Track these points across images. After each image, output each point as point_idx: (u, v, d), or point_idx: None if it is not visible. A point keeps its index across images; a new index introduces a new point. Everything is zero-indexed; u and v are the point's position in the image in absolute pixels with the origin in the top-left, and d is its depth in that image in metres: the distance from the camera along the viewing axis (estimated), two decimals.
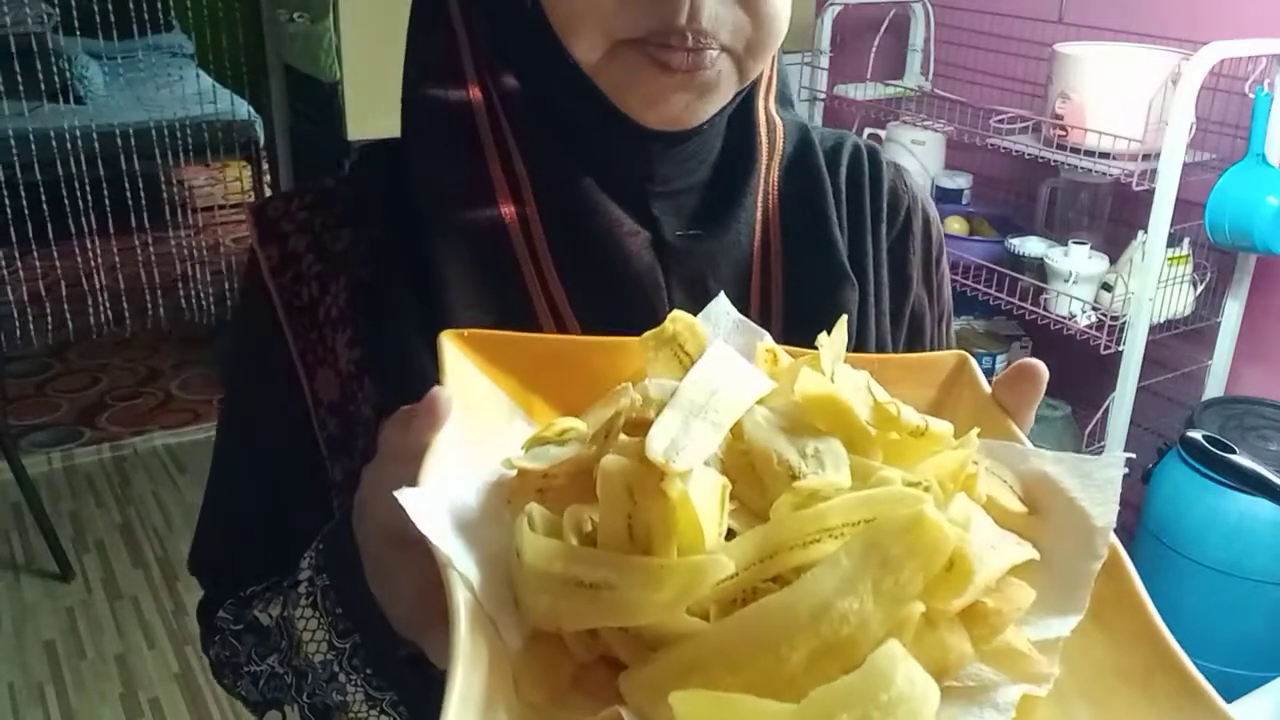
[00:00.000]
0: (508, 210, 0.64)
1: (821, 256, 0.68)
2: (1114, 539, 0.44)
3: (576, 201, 0.64)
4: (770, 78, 0.69)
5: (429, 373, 0.61)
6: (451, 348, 0.52)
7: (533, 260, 0.64)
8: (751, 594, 0.41)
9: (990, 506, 0.46)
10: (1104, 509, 0.45)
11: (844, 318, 0.53)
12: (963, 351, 0.56)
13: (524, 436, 0.49)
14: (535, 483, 0.45)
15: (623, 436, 0.44)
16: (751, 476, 0.45)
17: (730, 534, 0.43)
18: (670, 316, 0.52)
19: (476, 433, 0.49)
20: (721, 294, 0.56)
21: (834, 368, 0.49)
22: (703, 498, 0.41)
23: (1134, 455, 0.46)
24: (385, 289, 0.65)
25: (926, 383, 0.56)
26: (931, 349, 0.76)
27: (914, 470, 0.44)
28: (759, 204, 0.68)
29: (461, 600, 0.40)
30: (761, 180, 0.68)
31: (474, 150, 0.65)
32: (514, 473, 0.46)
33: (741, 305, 0.67)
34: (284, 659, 0.63)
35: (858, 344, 0.67)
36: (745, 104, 0.67)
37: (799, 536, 0.41)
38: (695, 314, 0.67)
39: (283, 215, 0.69)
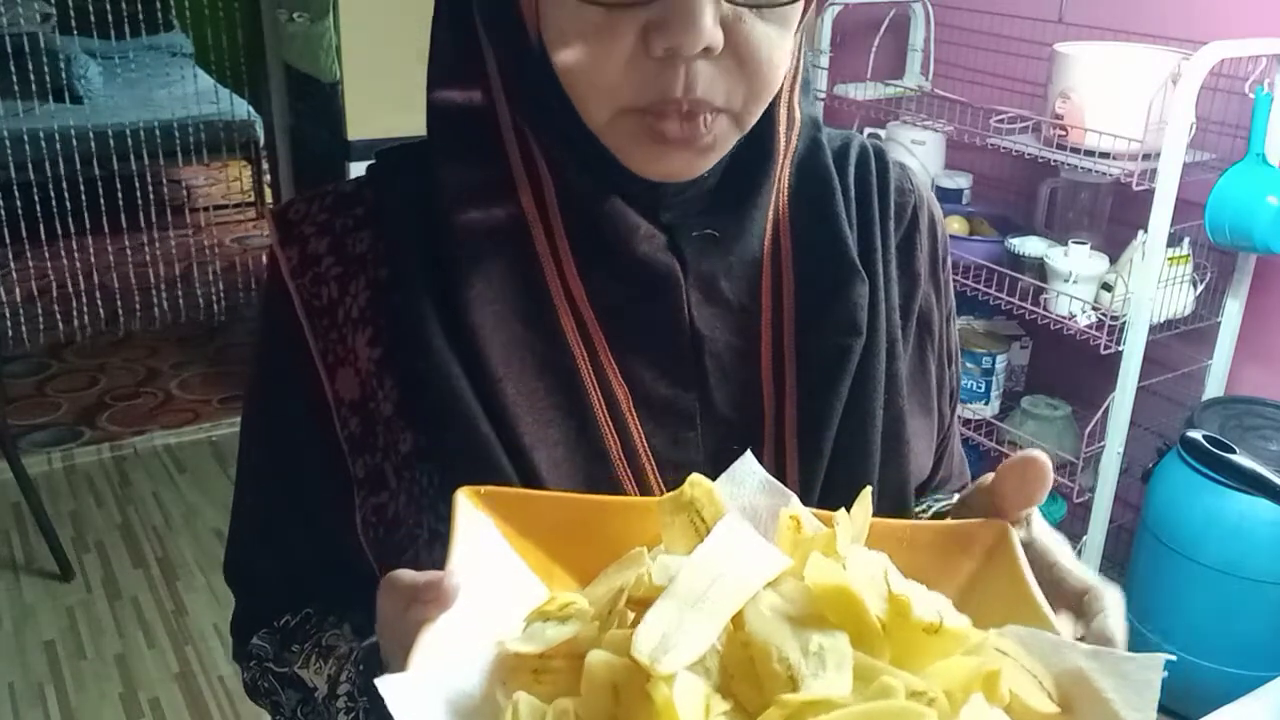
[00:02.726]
0: (529, 206, 0.65)
1: (831, 254, 0.68)
2: None
3: (594, 204, 0.64)
4: (796, 69, 0.68)
5: (450, 371, 0.62)
6: (466, 505, 0.51)
7: (553, 256, 0.65)
8: None
9: (1015, 706, 0.44)
10: (1141, 715, 0.41)
11: (867, 490, 0.51)
12: (1003, 521, 0.54)
13: (533, 603, 0.47)
14: (531, 664, 0.44)
15: (625, 617, 0.42)
16: (750, 672, 0.42)
17: None
18: (689, 481, 0.51)
19: (483, 600, 0.47)
20: (748, 453, 0.54)
21: (849, 551, 0.47)
22: (688, 703, 0.39)
23: (1174, 657, 0.43)
24: (404, 288, 0.65)
25: (963, 552, 0.54)
26: (939, 348, 0.76)
27: (923, 674, 0.42)
28: (770, 202, 0.69)
29: None
30: (774, 179, 0.69)
31: (496, 147, 0.65)
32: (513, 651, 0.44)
33: (753, 303, 0.68)
34: None
35: (869, 341, 0.67)
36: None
37: None
38: (710, 313, 0.66)
39: (304, 218, 0.69)
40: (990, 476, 0.59)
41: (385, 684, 0.40)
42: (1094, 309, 2.28)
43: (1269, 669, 1.85)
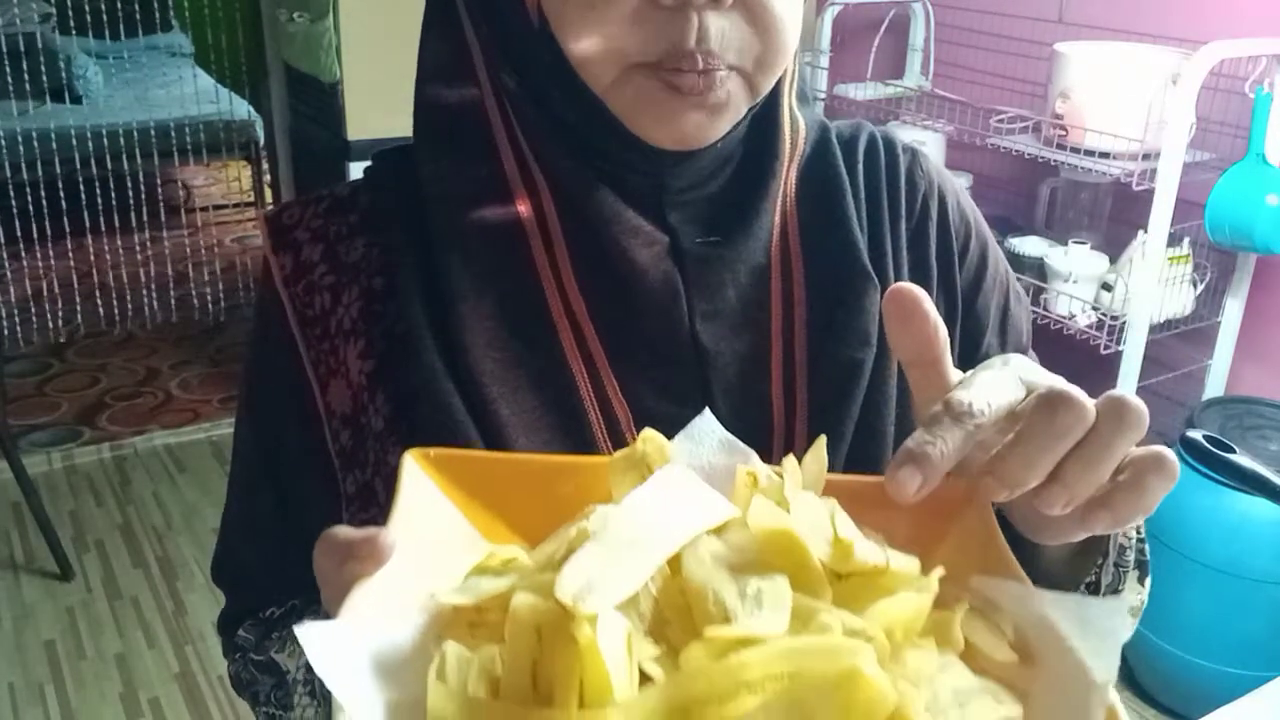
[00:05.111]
0: (524, 208, 0.63)
1: (842, 258, 0.66)
2: (1114, 697, 0.39)
3: (591, 208, 0.62)
4: (793, 74, 0.67)
5: (442, 388, 0.60)
6: (413, 466, 0.49)
7: (550, 266, 0.63)
8: None
9: (972, 654, 0.42)
10: (1104, 662, 0.40)
11: (822, 439, 0.50)
12: (974, 478, 0.51)
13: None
14: (467, 617, 0.42)
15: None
16: (685, 617, 0.40)
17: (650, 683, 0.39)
18: (641, 436, 0.49)
19: (423, 559, 0.45)
20: (707, 410, 0.52)
21: (795, 496, 0.45)
22: (612, 644, 0.37)
23: (1140, 599, 0.42)
24: (398, 300, 0.63)
25: (932, 510, 0.51)
26: (961, 334, 0.71)
27: (866, 614, 0.40)
28: (776, 207, 0.66)
29: None
30: (780, 183, 0.66)
31: (487, 147, 0.63)
32: (449, 606, 0.42)
33: (762, 312, 0.65)
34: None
35: (880, 352, 0.65)
36: (768, 107, 0.65)
37: (713, 690, 0.36)
38: (715, 322, 0.64)
39: (298, 223, 0.67)
40: None
41: (304, 631, 0.38)
42: (1094, 309, 2.28)
43: (1269, 669, 1.85)
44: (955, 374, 0.49)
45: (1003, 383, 0.47)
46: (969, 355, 0.72)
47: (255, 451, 0.72)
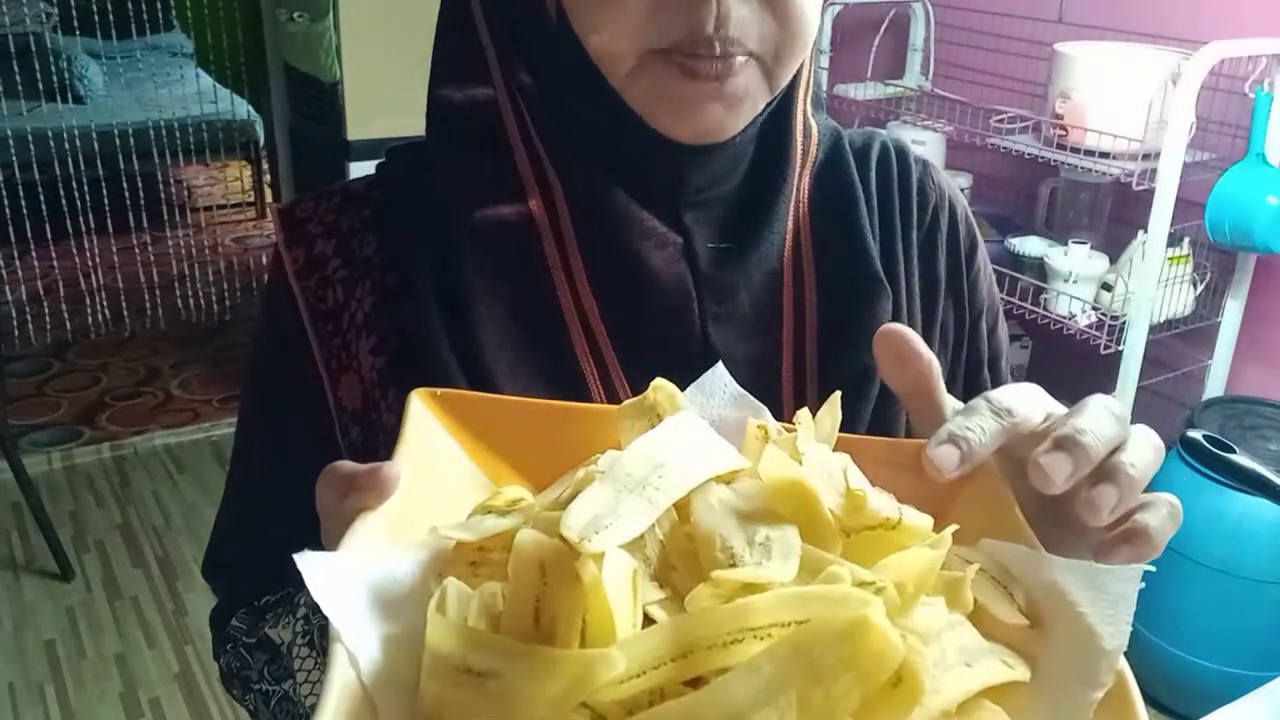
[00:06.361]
0: (536, 207, 0.63)
1: (855, 265, 0.66)
2: (1123, 664, 0.39)
3: (606, 209, 0.62)
4: (808, 79, 0.67)
5: (455, 386, 0.59)
6: (420, 406, 0.49)
7: (563, 266, 0.63)
8: (660, 696, 0.36)
9: (980, 616, 0.42)
10: (1115, 629, 0.39)
11: (836, 395, 0.50)
12: None
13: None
14: (469, 555, 0.41)
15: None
16: (694, 564, 0.40)
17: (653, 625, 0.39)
18: (653, 385, 0.49)
19: (427, 496, 0.45)
20: (720, 365, 0.52)
21: (808, 448, 0.45)
22: (618, 584, 0.37)
23: (1153, 569, 0.42)
24: (410, 297, 0.63)
25: None
26: (962, 355, 0.73)
27: (874, 568, 0.39)
28: (790, 212, 0.67)
29: (338, 679, 0.36)
30: (793, 188, 0.67)
31: (500, 146, 0.63)
32: (450, 543, 0.42)
33: (774, 316, 0.65)
34: (297, 686, 0.63)
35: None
36: (781, 109, 0.65)
37: (718, 634, 0.36)
38: (727, 326, 0.64)
39: (311, 217, 0.67)
40: None
41: (304, 560, 0.37)
42: (1094, 309, 2.28)
43: (1269, 669, 1.85)
44: (950, 400, 0.49)
45: (1033, 397, 0.47)
46: (972, 369, 0.73)
47: (259, 445, 0.72)
